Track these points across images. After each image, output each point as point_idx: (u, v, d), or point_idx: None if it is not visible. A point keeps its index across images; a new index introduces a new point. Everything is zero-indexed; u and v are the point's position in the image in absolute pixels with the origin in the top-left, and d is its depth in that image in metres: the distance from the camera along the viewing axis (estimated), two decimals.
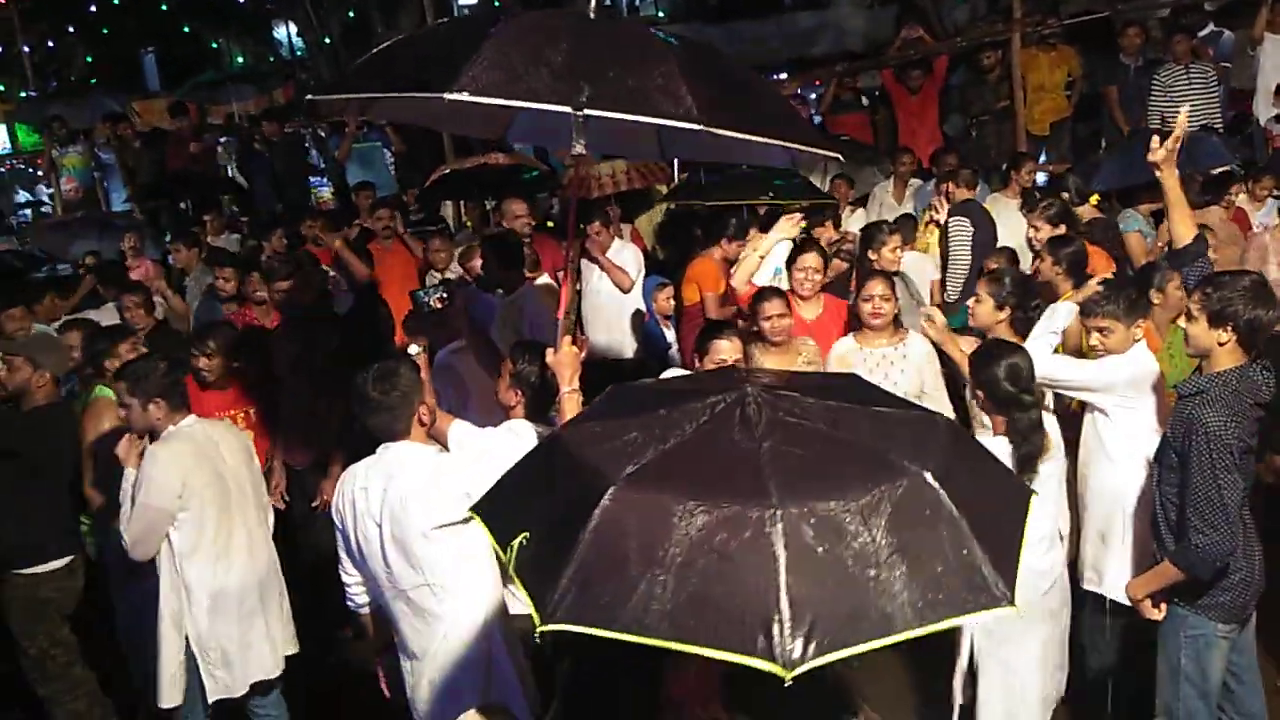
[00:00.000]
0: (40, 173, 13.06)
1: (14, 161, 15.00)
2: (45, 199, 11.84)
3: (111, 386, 3.81)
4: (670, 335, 5.80)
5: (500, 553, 1.80)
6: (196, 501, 3.47)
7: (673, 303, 6.08)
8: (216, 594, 3.54)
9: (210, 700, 3.57)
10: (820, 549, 1.60)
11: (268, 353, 4.86)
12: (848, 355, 4.23)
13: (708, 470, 1.72)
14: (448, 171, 7.94)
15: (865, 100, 9.15)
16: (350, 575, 3.09)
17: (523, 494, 1.98)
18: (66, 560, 4.08)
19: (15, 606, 4.10)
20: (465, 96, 2.54)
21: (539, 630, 1.63)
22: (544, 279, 5.48)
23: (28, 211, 12.17)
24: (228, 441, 3.68)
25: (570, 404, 3.04)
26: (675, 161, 7.04)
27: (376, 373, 2.90)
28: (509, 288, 5.11)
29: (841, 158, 3.68)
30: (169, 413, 3.50)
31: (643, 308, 6.07)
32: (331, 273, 5.77)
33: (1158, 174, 3.57)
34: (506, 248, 5.24)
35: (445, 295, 4.16)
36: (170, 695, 3.53)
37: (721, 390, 1.88)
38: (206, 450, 3.55)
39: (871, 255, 4.90)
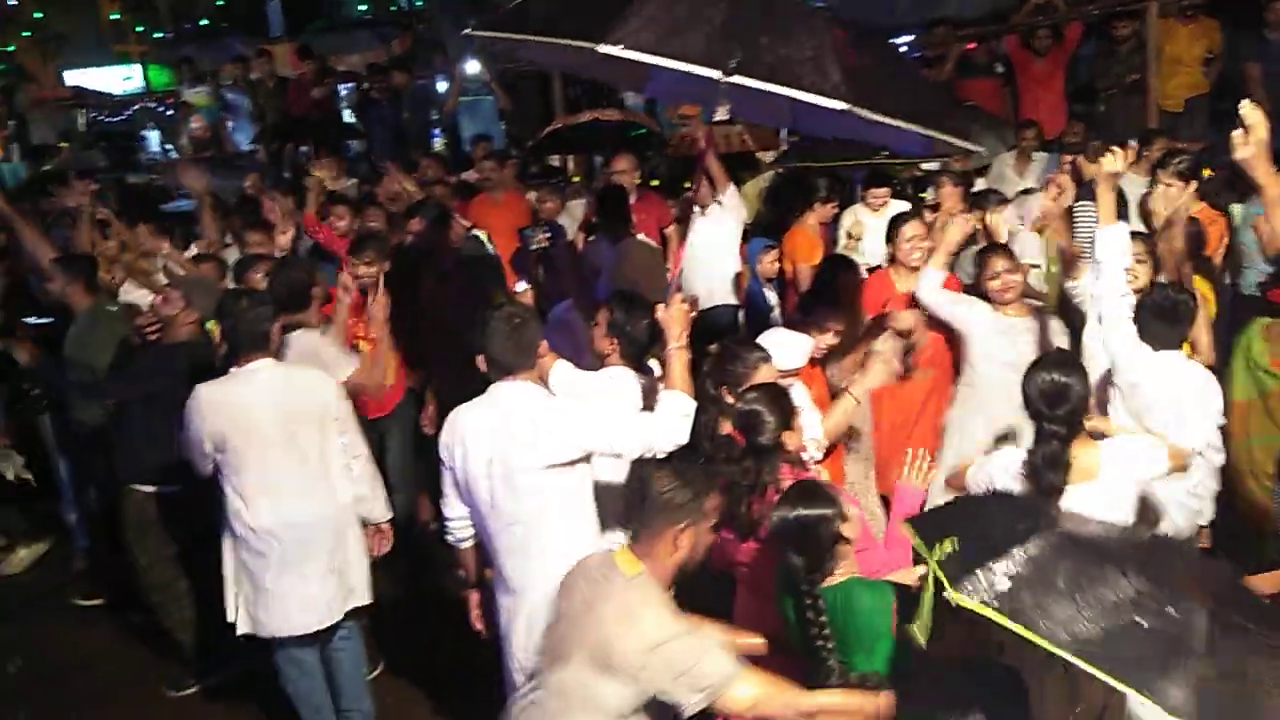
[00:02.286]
0: (169, 111, 13.66)
1: (146, 100, 15.71)
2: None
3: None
4: (773, 298, 5.78)
5: (925, 551, 2.12)
6: (234, 444, 3.48)
7: (776, 266, 6.06)
8: (256, 534, 3.53)
9: (239, 633, 3.62)
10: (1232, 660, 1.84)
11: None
12: (988, 323, 4.15)
13: (1147, 563, 2.04)
14: (559, 126, 8.03)
15: (1000, 67, 8.78)
16: (453, 510, 3.20)
17: (952, 518, 2.35)
18: (175, 488, 4.27)
19: (128, 519, 4.40)
20: (619, 50, 2.57)
21: (956, 600, 1.98)
22: (641, 236, 5.55)
23: (168, 148, 12.73)
24: (306, 386, 3.65)
25: (678, 360, 3.09)
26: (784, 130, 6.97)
27: (500, 312, 3.00)
28: (615, 239, 5.19)
29: (985, 152, 3.59)
30: (241, 354, 3.56)
31: (743, 269, 6.08)
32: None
33: (1248, 172, 3.19)
34: (614, 199, 5.31)
35: (549, 235, 4.29)
36: (230, 612, 3.67)
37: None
38: (256, 396, 3.51)
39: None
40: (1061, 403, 2.94)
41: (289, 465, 3.55)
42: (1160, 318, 3.45)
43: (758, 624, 2.97)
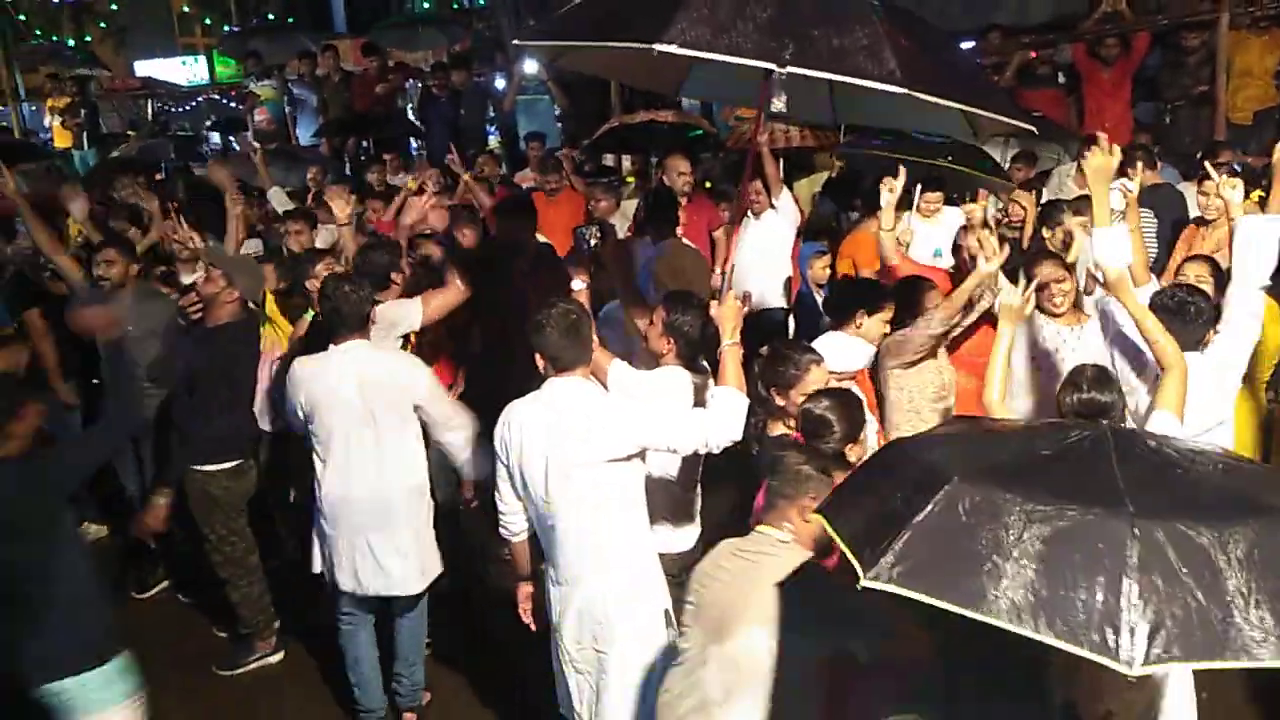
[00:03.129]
0: (234, 103, 13.97)
1: (211, 92, 16.10)
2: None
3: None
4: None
5: (835, 536, 1.95)
6: (319, 418, 3.73)
7: (828, 272, 6.04)
8: (332, 500, 3.79)
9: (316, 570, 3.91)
10: (1177, 565, 1.64)
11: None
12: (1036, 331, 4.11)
13: (1060, 479, 1.81)
14: (616, 125, 8.07)
15: (1061, 77, 8.65)
16: (507, 504, 3.24)
17: (859, 490, 2.14)
18: (235, 463, 4.41)
19: (192, 498, 4.50)
20: (673, 49, 2.59)
21: (862, 584, 1.76)
22: (684, 239, 5.57)
23: (231, 139, 13.01)
24: (392, 370, 3.79)
25: (732, 356, 3.11)
26: (842, 128, 6.92)
27: (557, 309, 3.04)
28: (658, 236, 5.21)
29: (1036, 130, 3.56)
30: (339, 335, 3.73)
31: (793, 272, 6.07)
32: None
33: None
34: (662, 200, 5.34)
35: (600, 233, 4.37)
36: (315, 564, 3.97)
37: (1078, 428, 1.99)
38: (344, 374, 3.69)
39: (1045, 234, 4.74)
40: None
41: (365, 444, 3.74)
42: (1169, 316, 3.40)
43: None
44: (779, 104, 2.69)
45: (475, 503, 4.87)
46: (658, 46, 2.61)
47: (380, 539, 3.78)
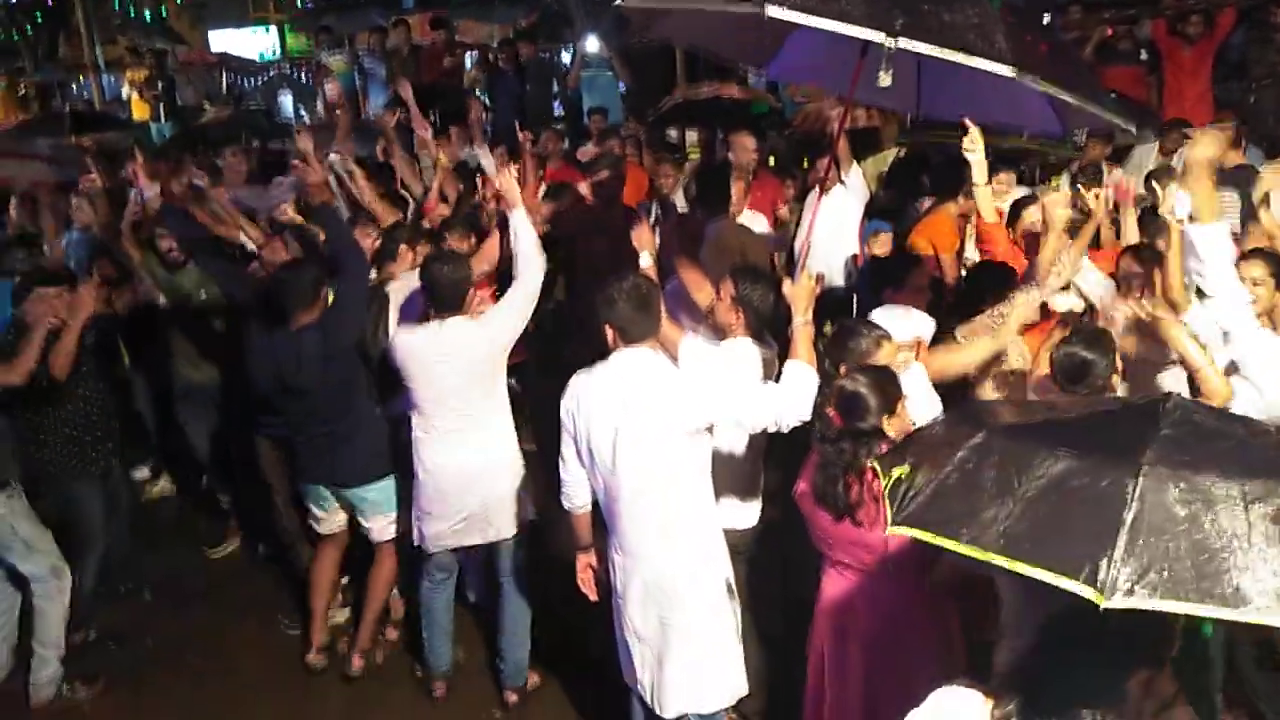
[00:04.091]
0: (305, 77, 14.17)
1: (282, 65, 16.35)
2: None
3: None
4: None
5: (884, 479, 2.02)
6: (417, 389, 3.88)
7: (889, 249, 5.97)
8: (421, 466, 3.97)
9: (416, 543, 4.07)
10: (1180, 509, 1.63)
11: None
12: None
13: (1093, 436, 1.82)
14: (680, 99, 8.05)
15: (1142, 54, 8.40)
16: (570, 474, 3.29)
17: (917, 442, 2.17)
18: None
19: (266, 463, 4.76)
20: (783, 13, 2.58)
21: (889, 530, 1.88)
22: (746, 215, 5.54)
23: (302, 112, 13.22)
24: (466, 338, 3.86)
25: (804, 334, 3.12)
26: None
27: (628, 281, 3.07)
28: (712, 214, 5.20)
29: (1134, 131, 3.47)
30: (440, 311, 3.85)
31: (858, 250, 6.02)
32: None
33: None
34: (717, 177, 5.34)
35: (659, 210, 4.39)
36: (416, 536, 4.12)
37: (1143, 397, 1.97)
38: (448, 349, 3.81)
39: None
40: (1082, 378, 2.98)
41: (456, 415, 3.88)
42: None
43: (845, 606, 2.99)
44: (885, 79, 2.65)
45: None
46: (769, 9, 2.60)
47: (468, 503, 3.93)
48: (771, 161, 7.43)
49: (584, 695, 4.14)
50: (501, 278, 4.62)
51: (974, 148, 4.03)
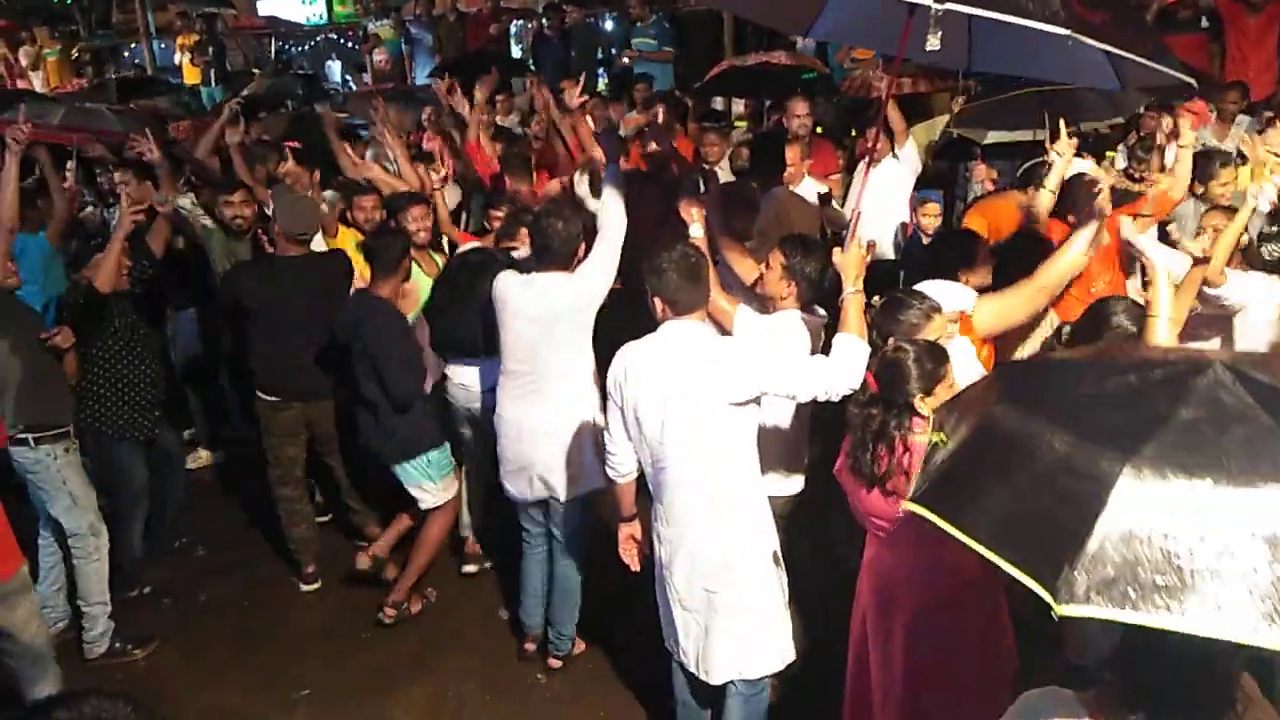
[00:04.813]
0: (352, 43, 14.22)
1: (329, 31, 16.41)
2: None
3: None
4: None
5: (931, 433, 1.97)
6: (504, 338, 4.01)
7: (938, 220, 5.91)
8: (502, 415, 4.09)
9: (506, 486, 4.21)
10: (1154, 517, 1.52)
11: None
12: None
13: (1104, 418, 1.70)
14: (727, 67, 7.95)
15: (1204, 21, 8.15)
16: (616, 444, 3.29)
17: (961, 402, 2.08)
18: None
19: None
20: None
21: (904, 505, 1.85)
22: (802, 185, 5.48)
23: (348, 79, 13.28)
24: (555, 291, 3.90)
25: (854, 304, 3.09)
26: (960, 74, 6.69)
27: (678, 251, 3.07)
28: (765, 185, 5.15)
29: (1195, 84, 3.38)
30: (546, 265, 3.94)
31: (908, 219, 5.95)
32: None
33: None
34: (770, 146, 5.28)
35: (703, 180, 4.38)
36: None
37: (1193, 359, 1.77)
38: (533, 302, 3.90)
39: (1197, 189, 4.53)
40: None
41: (529, 370, 3.96)
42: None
43: (889, 578, 2.98)
44: (934, 42, 2.60)
45: None
46: None
47: (540, 454, 4.00)
48: (819, 130, 7.35)
49: (626, 661, 4.19)
50: None
51: (1064, 153, 4.00)
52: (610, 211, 3.92)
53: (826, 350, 3.16)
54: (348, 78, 13.75)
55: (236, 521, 5.64)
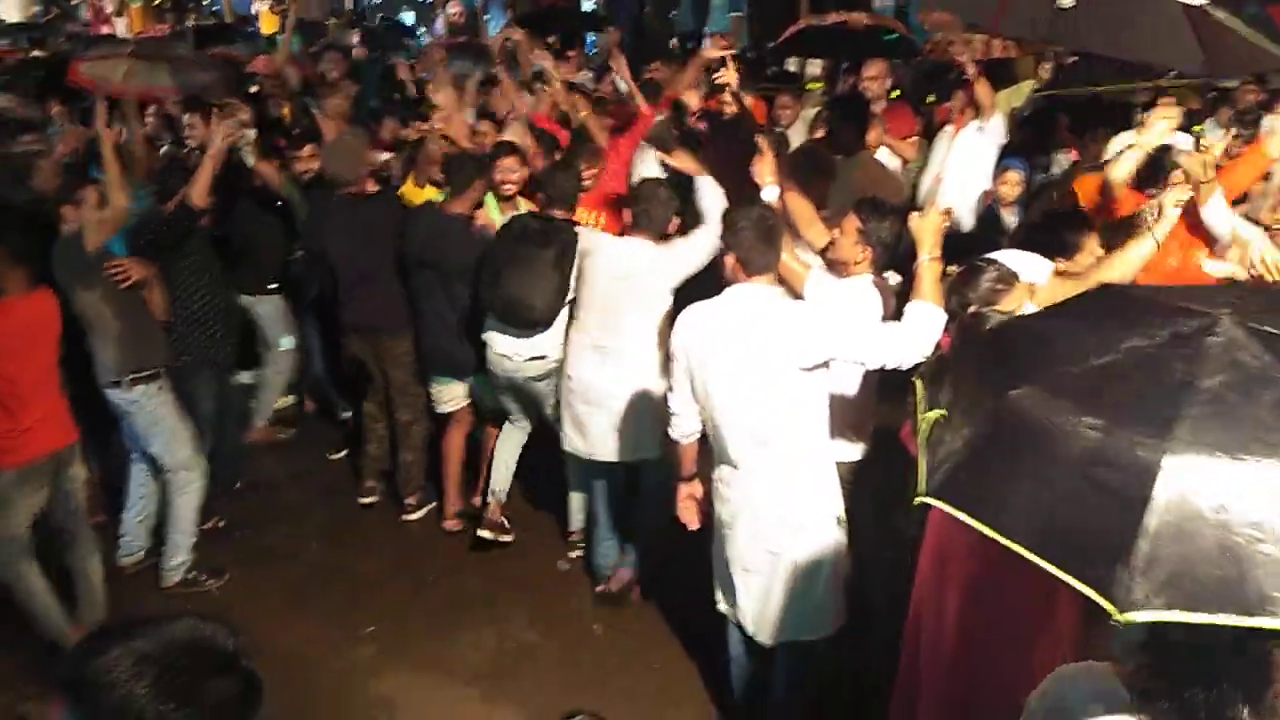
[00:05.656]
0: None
1: None
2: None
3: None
4: (1012, 223, 5.51)
5: (921, 419, 1.87)
6: (579, 290, 4.14)
7: (1018, 190, 5.75)
8: (569, 372, 4.14)
9: (564, 447, 4.32)
10: (1203, 504, 1.45)
11: None
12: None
13: (1125, 394, 1.61)
14: (804, 26, 7.80)
15: None
16: (680, 404, 3.31)
17: (958, 371, 2.01)
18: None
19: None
20: None
21: (922, 498, 1.71)
22: (882, 152, 5.38)
23: (421, 32, 13.33)
24: (643, 256, 4.00)
25: (930, 271, 3.05)
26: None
27: (755, 211, 3.06)
28: (847, 150, 5.07)
29: None
30: (639, 231, 4.08)
31: (989, 187, 5.81)
32: None
33: None
34: (851, 109, 5.19)
35: (777, 140, 4.35)
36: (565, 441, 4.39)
37: (1197, 312, 1.68)
38: (616, 257, 4.03)
39: None
40: None
41: (602, 330, 4.05)
42: None
43: (946, 548, 2.96)
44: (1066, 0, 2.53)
45: None
46: None
47: (608, 415, 4.07)
48: (896, 94, 7.20)
49: (681, 618, 4.24)
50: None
51: (1164, 121, 3.90)
52: (708, 197, 3.98)
53: (898, 317, 3.13)
54: (421, 28, 13.81)
55: (304, 464, 5.80)
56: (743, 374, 3.04)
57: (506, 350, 4.38)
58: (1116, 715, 1.63)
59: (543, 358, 4.33)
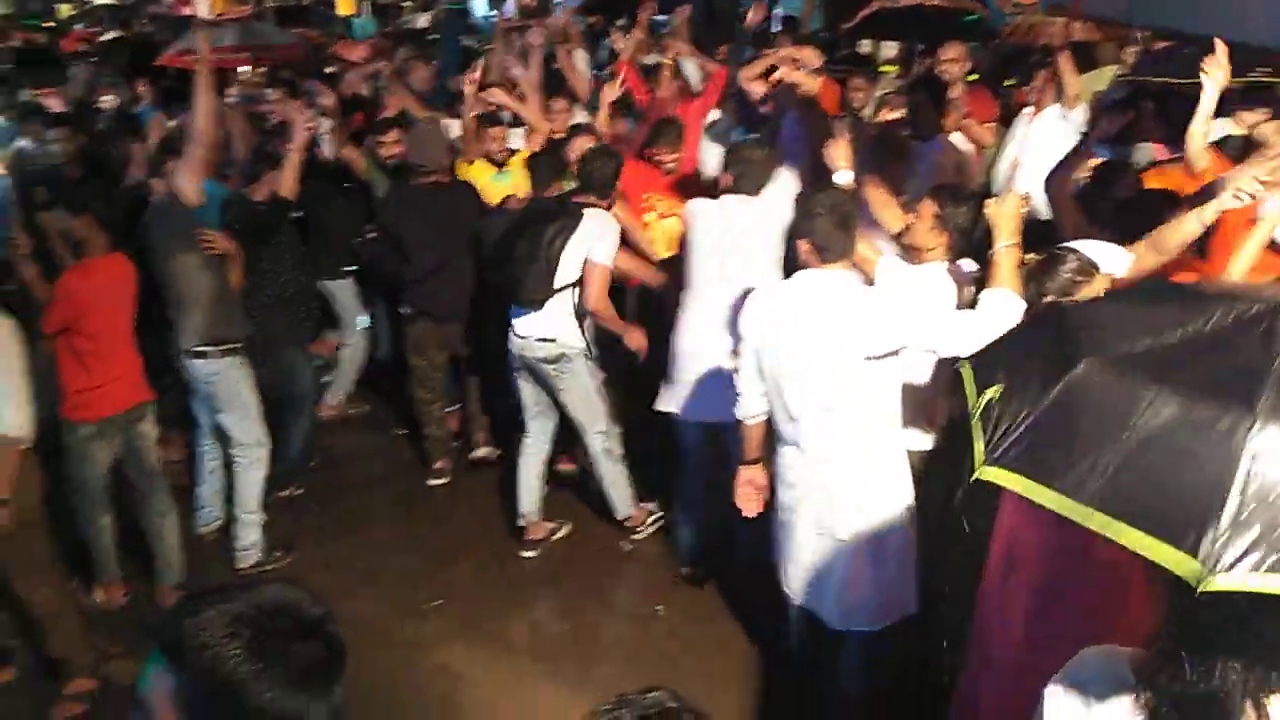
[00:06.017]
0: None
1: None
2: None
3: None
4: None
5: (972, 398, 1.82)
6: (690, 257, 4.18)
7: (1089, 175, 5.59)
8: (677, 332, 4.21)
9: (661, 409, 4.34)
10: None
11: None
12: None
13: (1199, 370, 1.60)
14: (878, 8, 7.68)
15: None
16: (747, 385, 3.29)
17: (1012, 350, 1.99)
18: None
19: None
20: None
21: (977, 473, 1.68)
22: (956, 137, 5.26)
23: (491, 15, 13.41)
24: (755, 216, 4.05)
25: (1009, 259, 2.99)
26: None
27: (832, 196, 3.02)
28: (924, 134, 4.97)
29: None
30: (743, 191, 4.10)
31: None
32: None
33: None
34: (929, 93, 5.09)
35: (854, 122, 4.29)
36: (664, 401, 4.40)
37: (1256, 299, 1.67)
38: (727, 218, 4.06)
39: None
40: None
41: (709, 290, 4.07)
42: None
43: (1015, 538, 2.91)
44: None
45: None
46: None
47: (708, 378, 4.07)
48: (973, 78, 7.04)
49: (745, 602, 4.25)
50: None
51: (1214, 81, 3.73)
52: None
53: (973, 305, 3.07)
54: (491, 10, 13.88)
55: (377, 441, 5.93)
56: (813, 361, 3.01)
57: (520, 328, 4.43)
58: (1119, 694, 1.64)
59: (552, 340, 4.33)
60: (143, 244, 4.38)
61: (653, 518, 4.71)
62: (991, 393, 1.77)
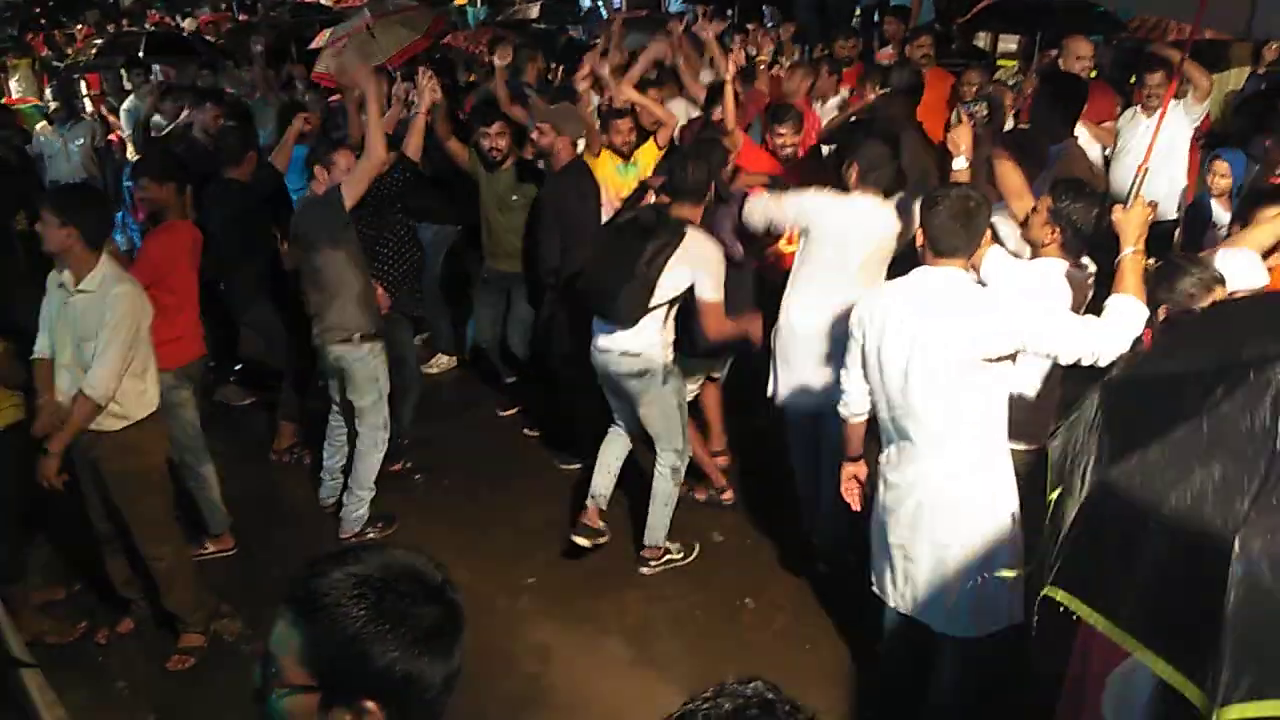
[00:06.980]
0: None
1: None
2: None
3: None
4: (1223, 216, 5.14)
5: (1049, 499, 1.94)
6: (805, 243, 4.18)
7: (1226, 181, 5.37)
8: (780, 321, 4.20)
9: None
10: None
11: None
12: None
13: (1199, 461, 1.61)
14: (994, 1, 7.46)
15: None
16: (853, 382, 3.27)
17: (1075, 438, 1.99)
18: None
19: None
20: None
21: (1047, 592, 1.79)
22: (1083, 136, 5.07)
23: (599, 4, 13.51)
24: (872, 214, 4.03)
25: (1133, 265, 2.90)
26: None
27: (958, 190, 2.97)
28: (1054, 136, 4.79)
29: None
30: (863, 186, 4.07)
31: (1189, 182, 5.45)
32: None
33: None
34: (1064, 89, 4.88)
35: (985, 110, 4.20)
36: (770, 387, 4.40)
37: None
38: (845, 212, 4.03)
39: None
40: None
41: (816, 281, 4.05)
42: None
43: None
44: None
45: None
46: None
47: (813, 365, 4.07)
48: (1093, 74, 6.79)
49: (834, 600, 4.22)
50: None
51: None
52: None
53: (1090, 308, 2.98)
54: (599, 2, 13.97)
55: (479, 419, 6.07)
56: (920, 360, 2.96)
57: (604, 343, 4.26)
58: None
59: (636, 355, 4.17)
60: (294, 234, 4.71)
61: (668, 557, 4.57)
62: (1053, 494, 1.88)
